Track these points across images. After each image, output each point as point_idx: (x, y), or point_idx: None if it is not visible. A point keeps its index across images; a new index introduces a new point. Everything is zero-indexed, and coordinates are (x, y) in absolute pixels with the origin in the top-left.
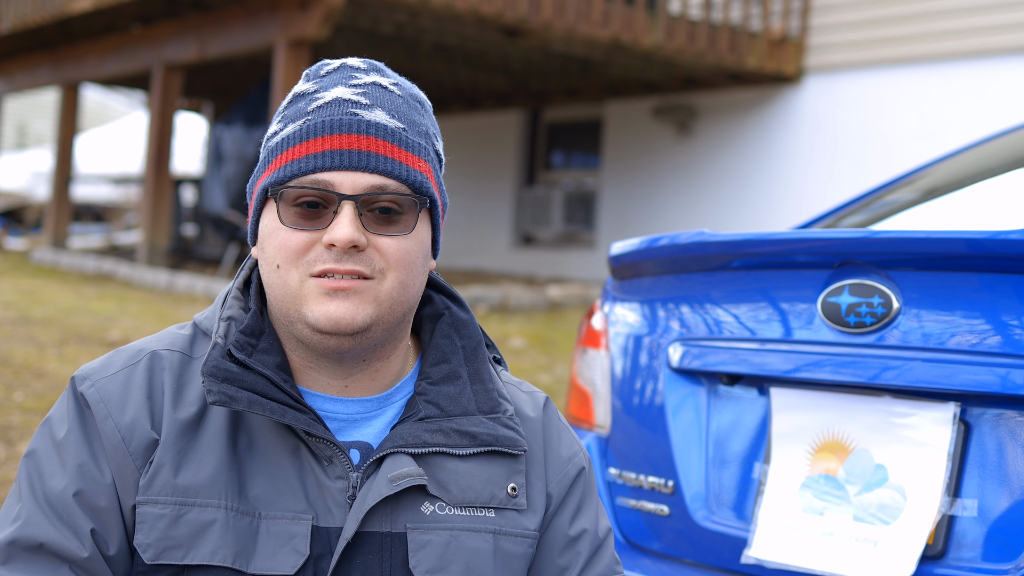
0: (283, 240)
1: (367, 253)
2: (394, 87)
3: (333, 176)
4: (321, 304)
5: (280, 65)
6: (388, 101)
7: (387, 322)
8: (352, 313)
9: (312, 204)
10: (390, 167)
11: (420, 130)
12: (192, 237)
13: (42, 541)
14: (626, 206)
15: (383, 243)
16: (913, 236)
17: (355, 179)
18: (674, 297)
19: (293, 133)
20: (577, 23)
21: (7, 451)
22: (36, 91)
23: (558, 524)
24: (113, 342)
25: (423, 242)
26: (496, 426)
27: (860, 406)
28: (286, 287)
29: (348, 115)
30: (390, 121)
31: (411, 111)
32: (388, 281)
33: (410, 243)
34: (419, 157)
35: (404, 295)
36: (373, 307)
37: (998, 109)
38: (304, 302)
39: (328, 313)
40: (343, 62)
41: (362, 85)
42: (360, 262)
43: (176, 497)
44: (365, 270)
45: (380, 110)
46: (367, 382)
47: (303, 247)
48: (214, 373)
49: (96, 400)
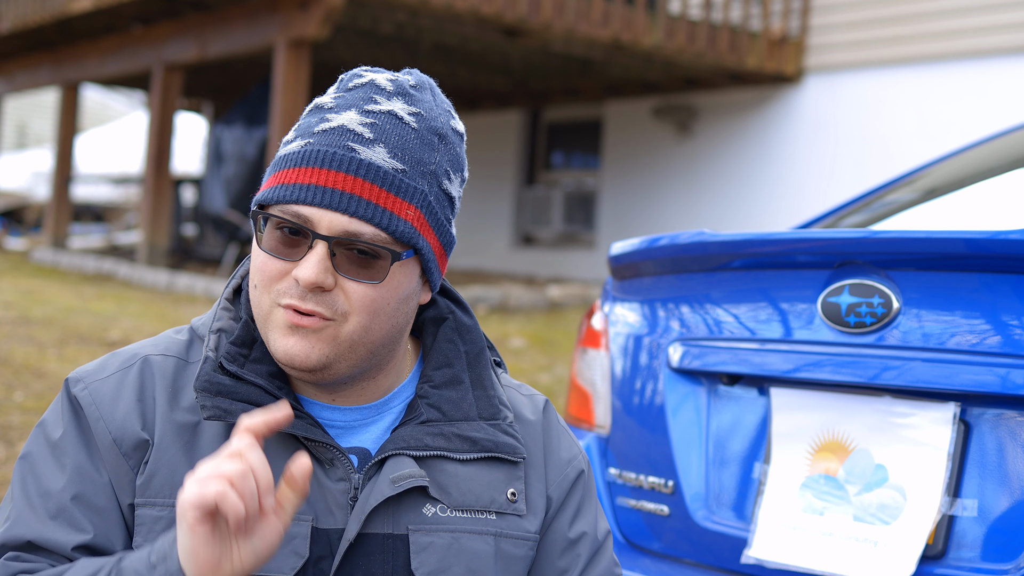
0: (261, 263)
1: (332, 294)
2: (411, 117)
3: (312, 212)
4: (282, 337)
5: (280, 65)
6: (396, 136)
7: (348, 360)
8: (306, 352)
9: (293, 231)
10: (371, 213)
11: (424, 170)
12: (192, 237)
13: (29, 539)
14: (626, 206)
15: (350, 287)
16: (913, 236)
17: (332, 220)
18: (674, 297)
19: (292, 153)
20: (577, 23)
21: (7, 451)
22: (36, 91)
23: (558, 527)
24: (113, 342)
25: (399, 288)
26: (496, 432)
27: (860, 406)
28: (259, 308)
29: (344, 149)
30: (387, 161)
31: (421, 148)
32: (349, 324)
33: (379, 291)
34: (410, 203)
35: (367, 337)
36: (330, 347)
37: (998, 109)
38: (270, 329)
39: (286, 348)
40: (372, 79)
41: (375, 113)
42: (321, 303)
43: (174, 499)
44: (326, 312)
45: (381, 146)
46: (355, 397)
47: (276, 275)
48: (207, 388)
49: (89, 402)
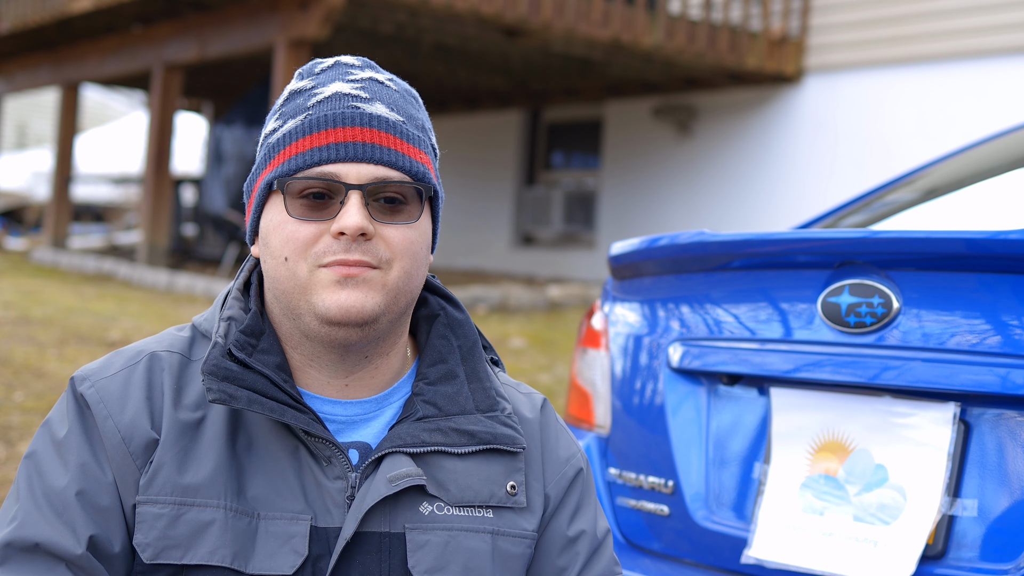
0: (291, 232)
1: (374, 243)
2: (389, 82)
3: (338, 168)
4: (332, 293)
5: (280, 65)
6: (386, 95)
7: (393, 312)
8: (362, 301)
9: (318, 195)
10: (394, 158)
11: (418, 123)
12: (192, 237)
13: (38, 541)
14: (626, 206)
15: (389, 233)
16: (913, 236)
17: (360, 170)
18: (674, 297)
19: (295, 128)
20: (577, 23)
21: (7, 451)
22: (36, 91)
23: (556, 525)
24: (113, 342)
25: (426, 233)
26: (494, 424)
27: (860, 406)
28: (295, 278)
29: (350, 108)
30: (390, 114)
31: (408, 105)
32: (395, 271)
33: (415, 233)
34: (419, 149)
35: (409, 285)
36: (382, 296)
37: (998, 109)
38: (314, 292)
39: (339, 302)
40: (337, 60)
41: (359, 80)
42: (368, 252)
43: (175, 497)
44: (372, 260)
45: (380, 103)
46: (367, 380)
47: (311, 238)
48: (214, 372)
49: (96, 400)
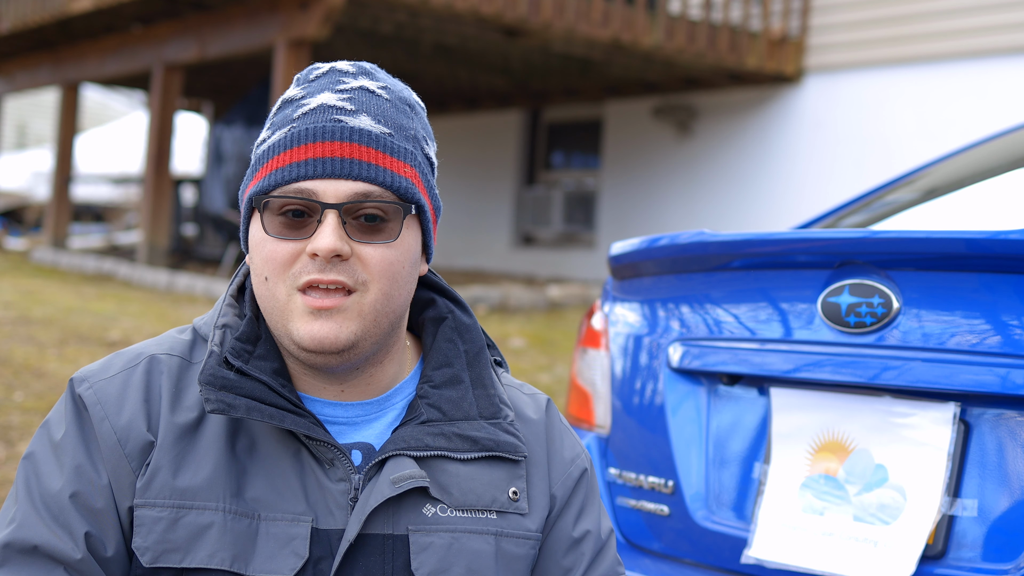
0: (269, 252)
1: (350, 263)
2: (382, 91)
3: (316, 184)
4: (306, 324)
5: (280, 65)
6: (374, 106)
7: (373, 335)
8: (336, 333)
9: (297, 213)
10: (373, 173)
11: (407, 134)
12: (192, 237)
13: (36, 543)
14: (626, 206)
15: (366, 253)
16: (913, 236)
17: (338, 187)
18: (674, 297)
19: (278, 141)
20: (577, 23)
21: (7, 451)
22: (36, 91)
23: (562, 526)
24: (113, 342)
25: (409, 250)
26: (497, 431)
27: (860, 406)
28: (275, 300)
29: (331, 122)
30: (375, 127)
31: (399, 115)
32: (371, 293)
33: (394, 252)
34: (405, 162)
35: (388, 306)
36: (357, 323)
37: (998, 109)
38: (290, 319)
39: (312, 333)
40: (332, 66)
41: (349, 90)
42: (344, 272)
43: (174, 500)
44: (348, 281)
45: (365, 115)
46: (363, 387)
47: (288, 258)
48: (211, 381)
49: (94, 402)
